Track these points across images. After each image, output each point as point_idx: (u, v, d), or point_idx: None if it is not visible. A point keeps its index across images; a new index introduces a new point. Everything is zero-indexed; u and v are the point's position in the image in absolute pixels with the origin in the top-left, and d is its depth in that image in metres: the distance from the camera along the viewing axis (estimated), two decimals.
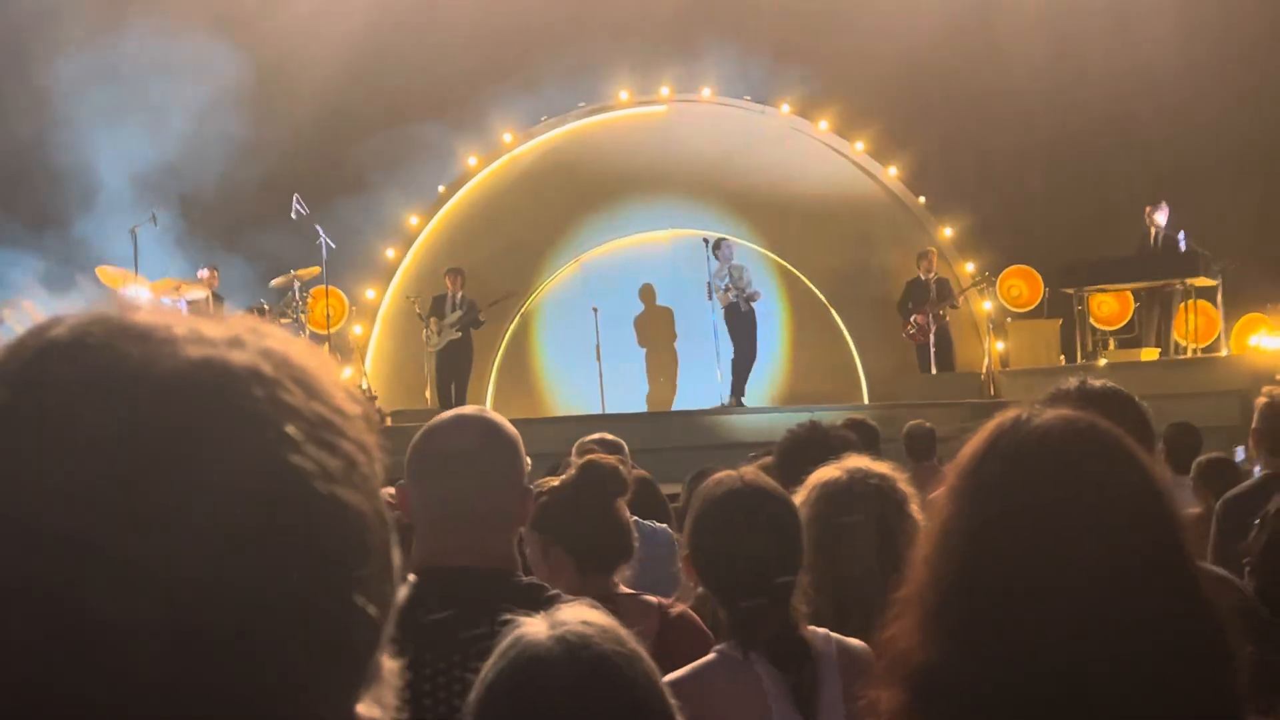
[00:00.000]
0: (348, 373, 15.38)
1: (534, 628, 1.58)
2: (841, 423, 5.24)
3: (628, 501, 3.35)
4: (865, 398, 15.72)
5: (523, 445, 2.50)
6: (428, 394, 15.25)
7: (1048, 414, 1.57)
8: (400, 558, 0.72)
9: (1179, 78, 15.02)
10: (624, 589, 3.24)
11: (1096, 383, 2.82)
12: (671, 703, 1.60)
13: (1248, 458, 7.47)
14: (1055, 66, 15.68)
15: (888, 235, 16.31)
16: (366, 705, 0.69)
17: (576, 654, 1.54)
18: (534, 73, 16.25)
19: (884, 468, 3.08)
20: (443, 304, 15.10)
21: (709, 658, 2.60)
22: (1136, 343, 15.06)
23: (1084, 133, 15.69)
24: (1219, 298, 14.51)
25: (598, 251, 16.65)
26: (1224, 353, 14.36)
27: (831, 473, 3.05)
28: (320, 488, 0.66)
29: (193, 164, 14.81)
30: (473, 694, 1.60)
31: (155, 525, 0.62)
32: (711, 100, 16.82)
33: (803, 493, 2.98)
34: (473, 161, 17.07)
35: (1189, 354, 14.36)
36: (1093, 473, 1.53)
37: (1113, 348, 15.13)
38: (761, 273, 16.28)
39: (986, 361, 15.38)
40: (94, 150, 14.65)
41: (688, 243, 15.33)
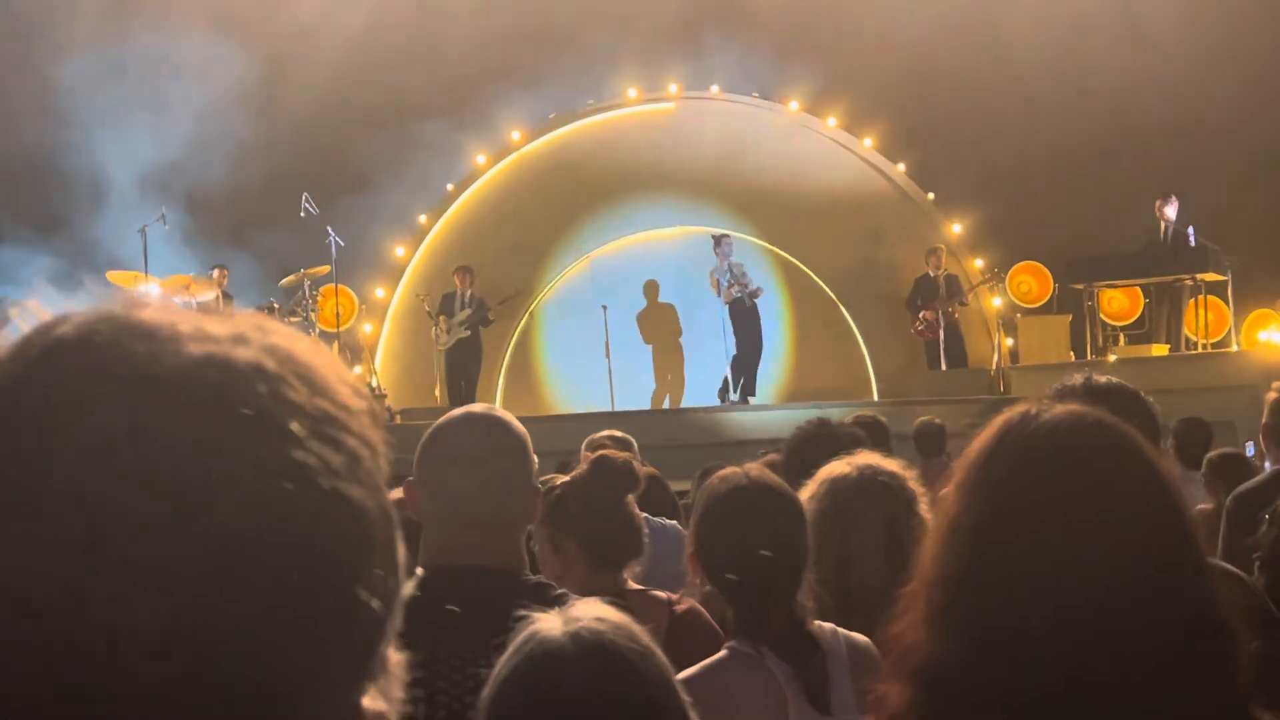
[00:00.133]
0: (357, 370, 15.41)
1: (548, 624, 1.59)
2: (851, 420, 5.23)
3: (637, 498, 3.35)
4: (875, 394, 15.71)
5: (531, 444, 2.50)
6: (437, 392, 15.26)
7: (1056, 410, 1.57)
8: (406, 553, 0.72)
9: (1186, 72, 14.97)
10: (633, 585, 3.25)
11: (1102, 379, 2.82)
12: (685, 699, 1.61)
13: (1258, 453, 7.45)
14: (1063, 61, 15.64)
15: (897, 232, 16.28)
16: (372, 698, 0.70)
17: (590, 650, 1.55)
18: (542, 71, 16.25)
19: (894, 465, 3.07)
20: (452, 302, 15.11)
21: (721, 655, 2.60)
22: (1147, 338, 15.02)
23: (1092, 128, 15.65)
24: (1229, 293, 14.47)
25: (607, 249, 16.64)
26: (1234, 348, 14.32)
27: (840, 468, 3.04)
28: (323, 483, 0.66)
29: (202, 163, 14.83)
30: (487, 689, 1.61)
31: (159, 522, 0.62)
32: (720, 97, 16.80)
33: (810, 487, 2.98)
34: (481, 160, 17.07)
35: (1199, 349, 14.32)
36: (1101, 468, 1.53)
37: (1123, 343, 15.09)
38: (770, 269, 16.28)
39: (996, 358, 15.35)
40: (103, 150, 14.67)
41: (697, 240, 15.32)
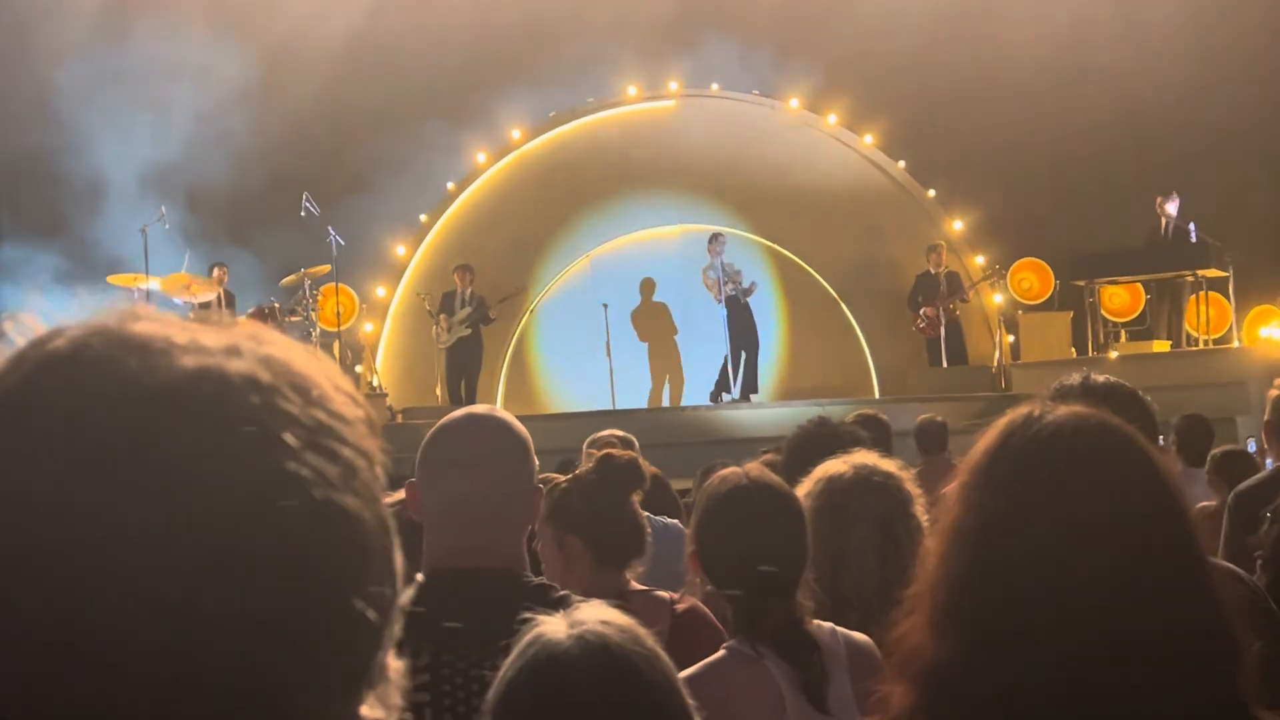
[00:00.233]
0: (358, 370, 15.42)
1: (553, 626, 1.59)
2: (852, 418, 5.22)
3: (641, 497, 3.35)
4: (876, 391, 15.71)
5: (532, 445, 2.50)
6: (438, 391, 15.26)
7: (1060, 411, 1.57)
8: (404, 559, 0.72)
9: (1187, 68, 14.95)
10: (636, 585, 3.25)
11: (1099, 378, 2.82)
12: (690, 702, 1.61)
13: (1259, 449, 7.46)
14: (1063, 57, 15.63)
15: (897, 229, 16.28)
16: (370, 706, 0.70)
17: (595, 653, 1.55)
18: (542, 69, 16.24)
19: (891, 466, 3.07)
20: (452, 301, 15.10)
21: (720, 654, 2.60)
22: (1148, 335, 15.02)
23: (1093, 124, 15.64)
24: (1230, 289, 14.46)
25: (607, 247, 16.63)
26: (1235, 344, 14.31)
27: (837, 467, 3.04)
28: (318, 494, 0.66)
29: (203, 163, 14.83)
30: (492, 692, 1.61)
31: (149, 537, 0.62)
32: (720, 95, 16.79)
33: (806, 485, 2.98)
34: (482, 158, 17.07)
35: (1200, 345, 14.32)
36: (1104, 470, 1.53)
37: (1124, 340, 15.09)
38: (771, 267, 16.29)
39: (997, 355, 15.36)
40: (104, 150, 14.67)
41: (698, 238, 15.31)
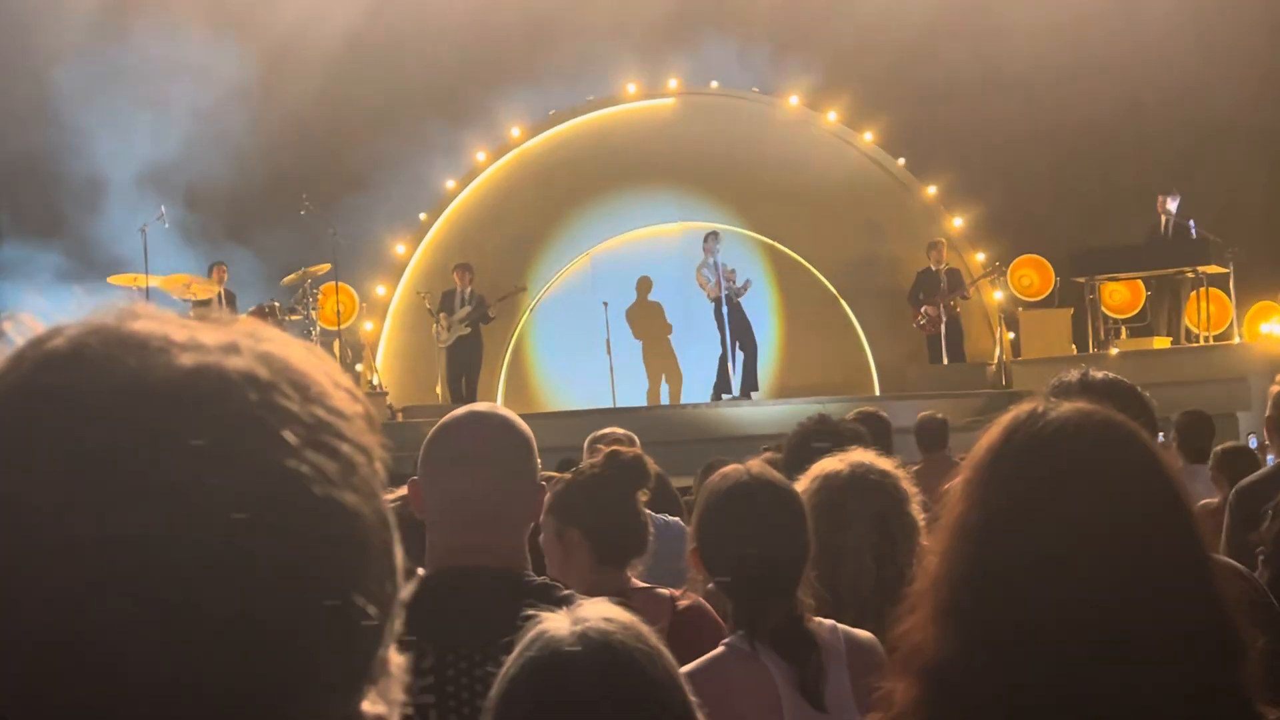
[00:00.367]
0: (358, 368, 15.43)
1: (556, 624, 1.59)
2: (852, 415, 5.23)
3: (645, 497, 3.34)
4: (876, 389, 15.71)
5: (535, 442, 2.50)
6: (438, 390, 15.26)
7: (1063, 408, 1.57)
8: (404, 555, 0.72)
9: (1187, 64, 14.95)
10: (637, 583, 3.25)
11: (1098, 374, 2.82)
12: (692, 700, 1.61)
13: (1260, 446, 7.46)
14: (1063, 53, 15.62)
15: (898, 226, 16.28)
16: (372, 701, 0.70)
17: (598, 650, 1.55)
18: (542, 68, 16.24)
19: (887, 464, 3.07)
20: (452, 299, 15.11)
21: (718, 650, 2.61)
22: (1148, 331, 15.03)
23: (1093, 120, 15.64)
24: (1231, 285, 14.47)
25: (607, 245, 16.63)
26: (1236, 340, 14.32)
27: (833, 465, 3.05)
28: (318, 491, 0.66)
29: (203, 162, 14.83)
30: (494, 688, 1.61)
31: (149, 535, 0.62)
32: (720, 93, 16.79)
33: (803, 482, 2.98)
34: (481, 157, 17.07)
35: (1201, 342, 14.33)
36: (1108, 466, 1.53)
37: (1124, 336, 15.09)
38: (771, 264, 16.29)
39: (998, 351, 15.36)
40: (103, 150, 14.67)
41: (698, 235, 15.29)
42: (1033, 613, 1.45)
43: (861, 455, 3.09)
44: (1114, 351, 14.11)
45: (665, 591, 3.22)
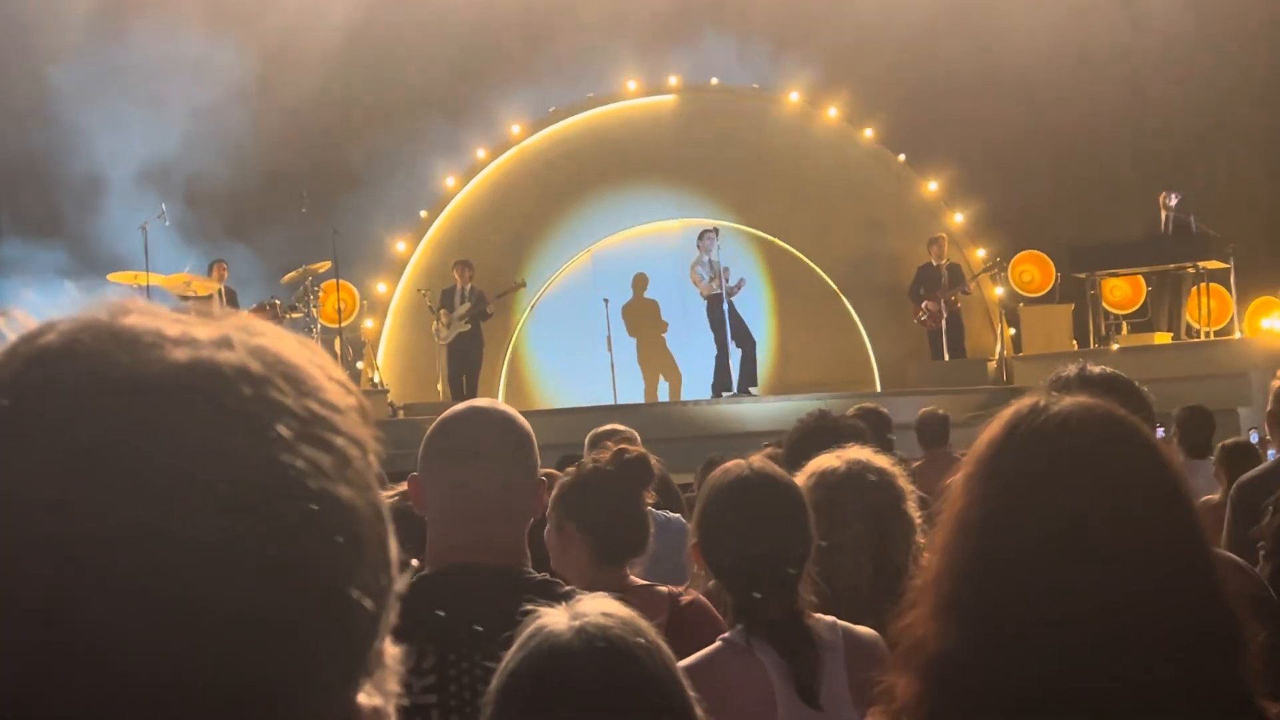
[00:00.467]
0: (359, 366, 15.43)
1: (555, 618, 1.60)
2: (852, 411, 5.23)
3: (653, 499, 3.34)
4: (877, 385, 15.71)
5: (535, 437, 2.50)
6: (439, 387, 15.27)
7: (1065, 402, 1.57)
8: (398, 548, 0.72)
9: (1187, 58, 14.94)
10: (636, 580, 3.24)
11: (1095, 369, 2.82)
12: (691, 694, 1.61)
13: (1261, 441, 7.45)
14: (1063, 49, 15.61)
15: (898, 222, 16.28)
16: (367, 693, 0.70)
17: (597, 645, 1.55)
18: (542, 65, 16.24)
19: (884, 461, 3.06)
20: (451, 297, 15.11)
21: (714, 646, 2.60)
22: (1149, 326, 15.03)
23: (1093, 116, 15.64)
24: (1231, 281, 14.47)
25: (608, 242, 16.63)
26: (1237, 335, 14.32)
27: (829, 462, 3.04)
28: (313, 485, 0.66)
29: (203, 160, 14.83)
30: (494, 682, 1.61)
31: (144, 531, 0.62)
32: (720, 90, 16.79)
33: (799, 480, 2.98)
34: (482, 154, 17.07)
35: (1202, 337, 14.32)
36: (1110, 460, 1.53)
37: (1125, 332, 15.10)
38: (771, 261, 16.28)
39: (999, 347, 15.36)
40: (104, 148, 14.67)
41: (698, 232, 15.31)
42: (1034, 607, 1.45)
43: (857, 452, 3.08)
44: (1115, 347, 14.12)
45: (664, 588, 3.21)
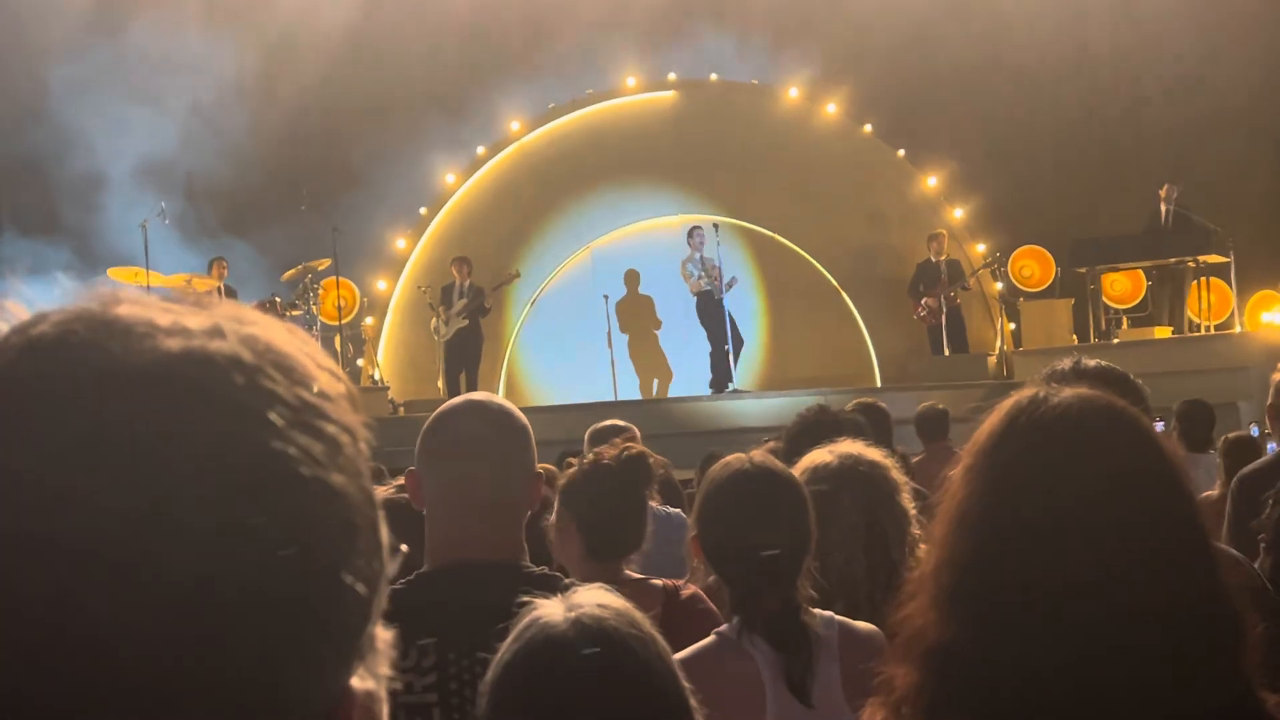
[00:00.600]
0: (360, 363, 15.44)
1: (550, 609, 1.60)
2: (851, 406, 5.23)
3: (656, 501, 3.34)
4: (877, 380, 15.71)
5: (532, 432, 2.49)
6: (440, 384, 15.27)
7: (1065, 393, 1.56)
8: (390, 535, 0.73)
9: (1187, 52, 14.94)
10: (631, 574, 3.24)
11: (1090, 362, 2.82)
12: (685, 685, 1.61)
13: (1262, 434, 7.46)
14: (1063, 42, 15.61)
15: (897, 217, 16.28)
16: (360, 677, 0.71)
17: (591, 636, 1.55)
18: (541, 61, 16.24)
19: (876, 455, 3.05)
20: (450, 293, 15.12)
21: (708, 640, 2.60)
22: (1149, 321, 15.03)
23: (1093, 110, 15.64)
24: (1232, 275, 14.47)
25: (608, 238, 16.64)
26: (1237, 329, 14.32)
27: (822, 456, 3.03)
28: (305, 472, 0.67)
29: (203, 158, 14.84)
30: (489, 673, 1.62)
31: (140, 520, 0.63)
32: (719, 85, 16.79)
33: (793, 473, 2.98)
34: (481, 150, 17.07)
35: (1202, 331, 14.32)
36: (1110, 452, 1.52)
37: (1126, 326, 15.09)
38: (770, 256, 16.28)
39: (999, 342, 15.36)
40: (104, 146, 14.67)
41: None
42: (1033, 597, 1.45)
43: (850, 446, 3.08)
44: (1116, 342, 14.11)
45: (659, 582, 3.22)
